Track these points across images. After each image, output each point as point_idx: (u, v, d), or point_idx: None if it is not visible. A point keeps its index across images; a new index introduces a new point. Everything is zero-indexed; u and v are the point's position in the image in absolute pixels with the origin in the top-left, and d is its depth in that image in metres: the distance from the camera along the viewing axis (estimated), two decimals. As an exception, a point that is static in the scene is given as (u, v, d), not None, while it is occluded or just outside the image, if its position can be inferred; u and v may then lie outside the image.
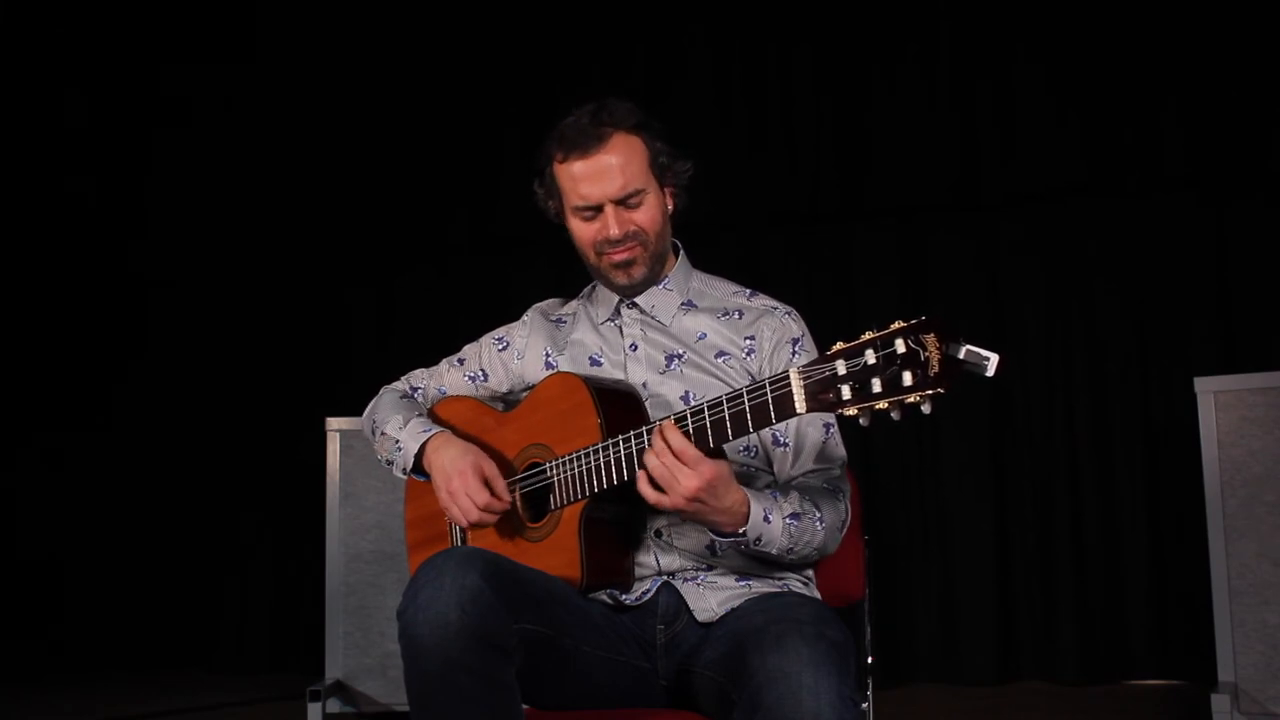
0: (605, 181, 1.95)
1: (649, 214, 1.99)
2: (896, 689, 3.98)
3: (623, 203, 1.96)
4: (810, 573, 2.01)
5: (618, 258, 1.99)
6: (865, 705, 2.07)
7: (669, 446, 1.69)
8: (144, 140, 5.02)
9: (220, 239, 4.89)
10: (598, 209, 1.97)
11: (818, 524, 1.83)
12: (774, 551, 1.81)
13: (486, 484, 1.94)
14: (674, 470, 1.69)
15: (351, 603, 3.65)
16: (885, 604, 3.98)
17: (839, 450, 1.96)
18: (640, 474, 1.74)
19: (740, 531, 1.77)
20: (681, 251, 2.12)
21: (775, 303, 2.07)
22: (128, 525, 4.89)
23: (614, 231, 1.97)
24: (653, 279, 2.04)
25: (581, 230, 2.01)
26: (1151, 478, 3.95)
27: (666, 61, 4.49)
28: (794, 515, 1.81)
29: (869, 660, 2.18)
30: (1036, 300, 4.12)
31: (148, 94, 5.01)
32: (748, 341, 2.01)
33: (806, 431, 1.95)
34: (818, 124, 4.32)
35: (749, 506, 1.76)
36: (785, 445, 1.95)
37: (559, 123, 2.02)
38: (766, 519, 1.78)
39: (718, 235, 4.24)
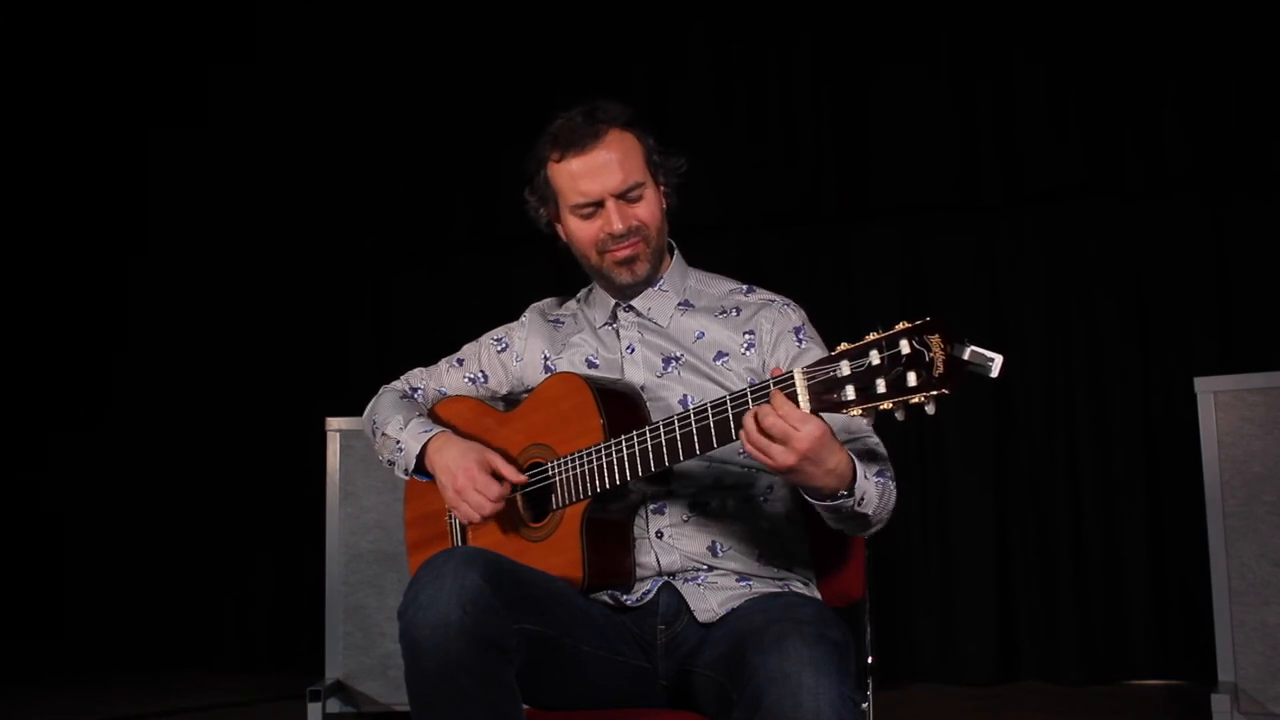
0: (605, 176, 1.94)
1: (649, 208, 1.98)
2: (896, 689, 3.98)
3: (623, 196, 1.95)
4: (810, 573, 2.01)
5: (621, 254, 1.97)
6: (865, 705, 2.07)
7: (776, 407, 1.60)
8: (142, 139, 5.02)
9: (220, 239, 4.89)
10: (598, 205, 1.96)
11: (890, 481, 1.79)
12: (870, 512, 1.74)
13: (494, 476, 1.93)
14: (788, 425, 1.59)
15: (351, 603, 3.65)
16: (885, 604, 3.98)
17: (862, 421, 1.87)
18: (744, 431, 1.64)
19: (844, 493, 1.69)
20: (676, 251, 2.11)
21: (773, 295, 2.06)
22: (128, 525, 4.89)
23: (617, 226, 1.95)
24: (653, 277, 2.03)
25: (582, 230, 1.99)
26: (1151, 478, 3.96)
27: (666, 61, 4.49)
28: (879, 472, 1.77)
29: (869, 660, 2.17)
30: (1036, 300, 4.12)
31: (145, 93, 5.00)
32: (747, 336, 1.99)
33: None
34: (818, 124, 4.32)
35: (854, 466, 1.69)
36: None
37: (547, 127, 2.01)
38: (865, 476, 1.71)
39: (718, 235, 4.24)
